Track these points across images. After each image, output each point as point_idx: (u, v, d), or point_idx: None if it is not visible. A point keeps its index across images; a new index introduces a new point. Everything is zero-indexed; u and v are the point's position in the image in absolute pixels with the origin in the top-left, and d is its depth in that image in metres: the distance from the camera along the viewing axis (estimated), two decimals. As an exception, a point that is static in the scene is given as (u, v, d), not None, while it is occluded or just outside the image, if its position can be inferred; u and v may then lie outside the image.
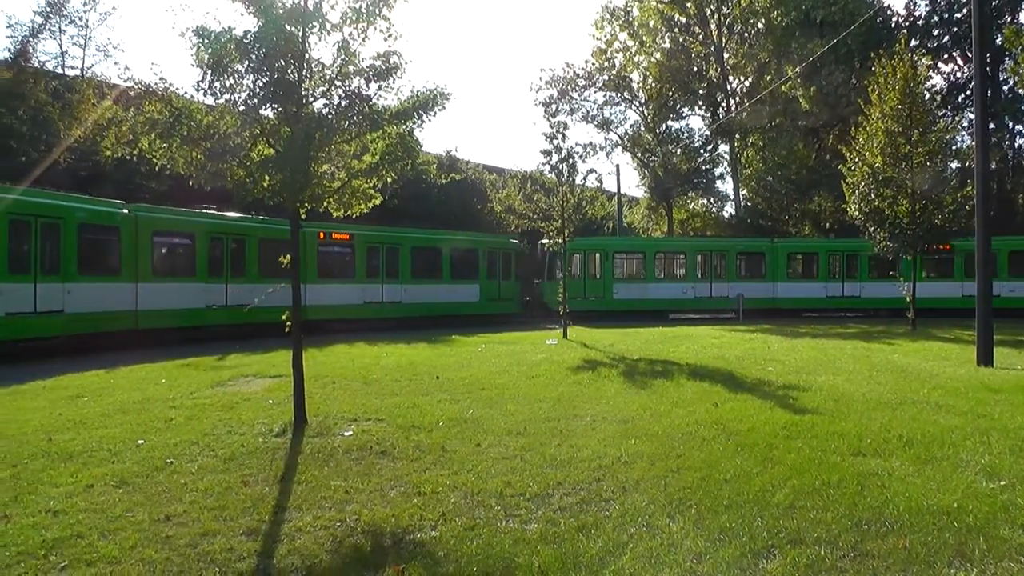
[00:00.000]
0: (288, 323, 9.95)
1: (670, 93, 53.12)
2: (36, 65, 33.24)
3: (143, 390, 13.04)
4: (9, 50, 32.94)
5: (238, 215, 26.74)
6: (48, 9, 34.60)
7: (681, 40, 52.90)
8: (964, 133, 40.90)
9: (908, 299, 27.92)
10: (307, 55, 9.15)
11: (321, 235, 28.94)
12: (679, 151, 53.82)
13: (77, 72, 36.08)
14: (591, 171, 25.70)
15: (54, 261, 20.32)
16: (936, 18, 46.71)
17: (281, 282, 25.47)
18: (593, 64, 54.07)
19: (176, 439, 8.96)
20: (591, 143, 51.05)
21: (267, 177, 9.35)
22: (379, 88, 9.46)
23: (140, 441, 8.89)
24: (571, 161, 24.50)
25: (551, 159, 24.57)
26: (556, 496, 6.64)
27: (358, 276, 30.40)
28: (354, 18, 9.05)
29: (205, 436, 9.11)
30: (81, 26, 36.44)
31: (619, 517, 6.05)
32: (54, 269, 20.26)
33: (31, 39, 33.71)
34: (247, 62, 8.92)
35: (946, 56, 47.11)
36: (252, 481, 7.18)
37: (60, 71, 35.34)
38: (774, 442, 8.53)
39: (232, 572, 5.13)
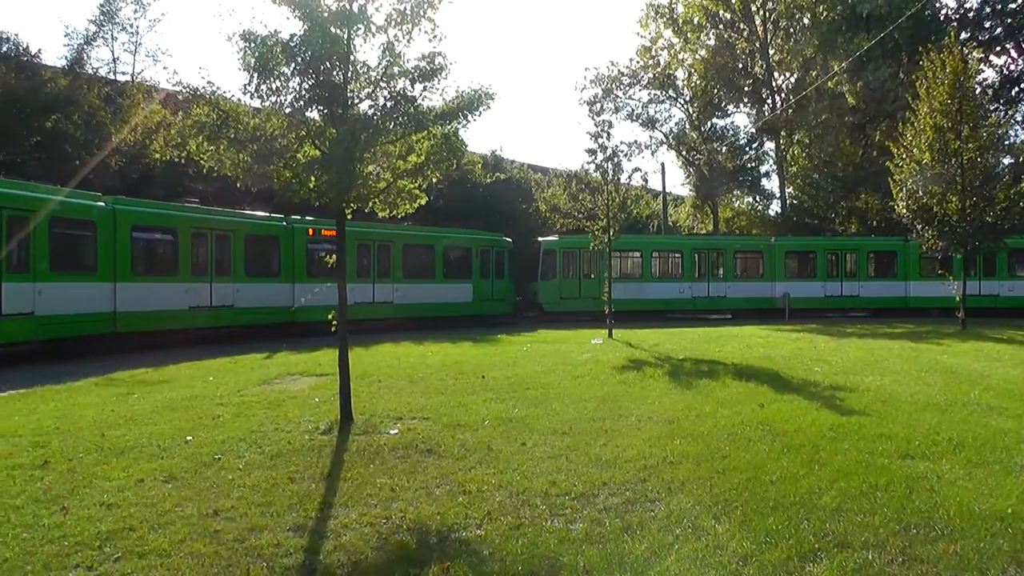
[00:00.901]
0: (334, 323, 10.00)
1: (715, 90, 52.77)
2: (90, 72, 33.99)
3: (191, 387, 13.27)
4: (66, 58, 33.78)
5: (223, 209, 25.83)
6: (101, 18, 35.48)
7: (726, 37, 52.45)
8: (1018, 127, 40.12)
9: (957, 298, 27.33)
10: (352, 57, 9.22)
11: (310, 231, 27.96)
12: (724, 149, 53.46)
13: (128, 77, 36.89)
14: (636, 170, 25.58)
15: (23, 258, 18.75)
16: (988, 9, 45.70)
17: (269, 281, 26.25)
18: (638, 62, 53.91)
19: (224, 436, 9.10)
20: (636, 141, 50.40)
21: (313, 178, 9.44)
22: (424, 89, 9.49)
23: (188, 437, 9.04)
24: (616, 160, 24.38)
25: (596, 158, 24.51)
26: (601, 496, 6.62)
27: (349, 275, 28.74)
28: (399, 20, 9.11)
29: (252, 433, 9.23)
30: (132, 33, 37.37)
31: (664, 518, 6.02)
32: (23, 267, 18.73)
33: (85, 47, 34.57)
34: (293, 65, 9.02)
35: (999, 48, 46.10)
36: (298, 478, 7.26)
37: (112, 77, 36.15)
38: (820, 443, 8.43)
39: (279, 567, 5.19)
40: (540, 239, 36.54)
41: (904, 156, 26.62)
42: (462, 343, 22.21)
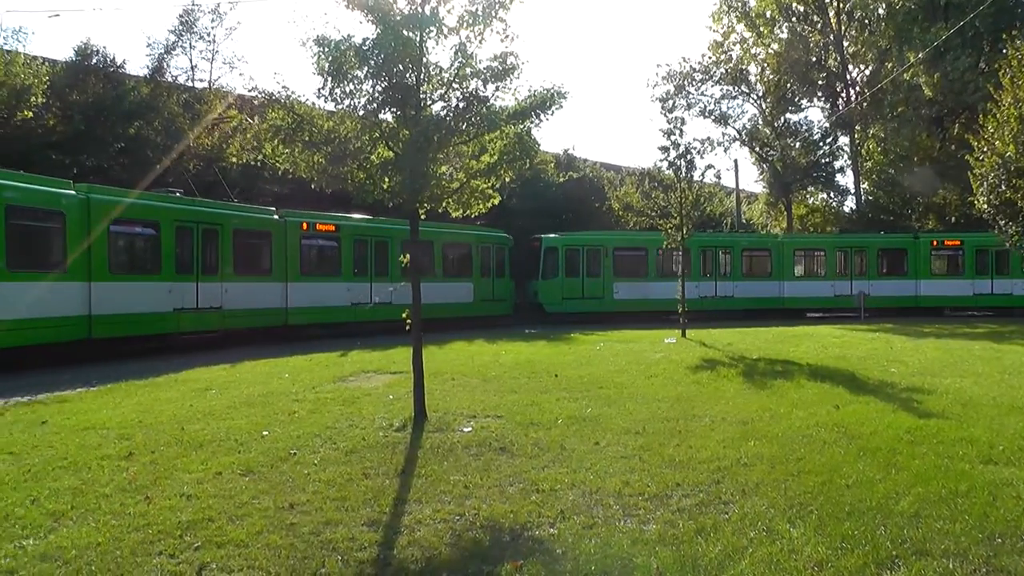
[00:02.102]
0: (409, 321, 10.10)
1: (788, 85, 51.76)
2: (170, 80, 34.99)
3: (267, 384, 13.57)
4: (147, 67, 34.83)
5: (209, 200, 24.06)
6: (180, 28, 36.54)
7: (799, 30, 51.34)
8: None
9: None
10: (425, 59, 9.30)
11: (304, 225, 25.83)
12: (798, 144, 52.44)
13: (205, 84, 37.85)
14: (709, 167, 25.37)
15: None
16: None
17: (260, 280, 23.97)
18: (710, 57, 53.14)
19: (299, 431, 9.29)
20: (708, 138, 49.75)
21: (387, 179, 9.57)
22: (496, 89, 9.54)
23: (265, 432, 9.26)
24: (689, 157, 24.17)
25: (669, 155, 24.28)
26: (675, 497, 6.57)
27: (345, 273, 27.17)
28: (471, 21, 9.15)
29: (327, 429, 9.40)
30: (209, 41, 38.35)
31: (738, 520, 5.94)
32: None
33: (165, 56, 35.60)
34: (366, 68, 9.14)
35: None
36: (373, 474, 7.36)
37: (190, 84, 37.13)
38: (898, 447, 8.24)
39: (354, 561, 5.27)
40: (541, 236, 35.17)
41: (985, 149, 25.75)
42: (536, 342, 22.27)
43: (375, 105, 9.34)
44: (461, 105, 9.53)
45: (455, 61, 9.43)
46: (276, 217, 25.03)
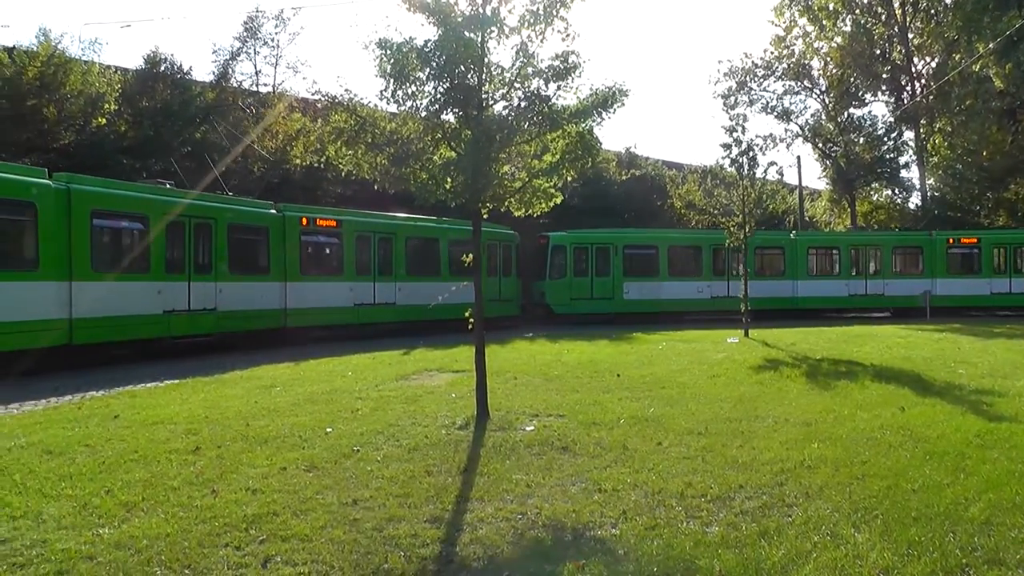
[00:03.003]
0: (471, 320, 10.15)
1: (851, 79, 50.76)
2: (234, 85, 35.71)
3: (330, 382, 13.75)
4: (213, 73, 35.57)
5: (201, 192, 22.43)
6: (245, 34, 37.28)
7: (863, 22, 50.24)
8: None
9: None
10: (486, 59, 9.36)
11: (304, 220, 23.87)
12: (862, 140, 51.41)
13: (269, 88, 38.51)
14: (772, 163, 24.93)
15: None
16: None
17: (257, 279, 22.10)
18: (772, 52, 52.42)
19: (362, 428, 9.41)
20: (771, 135, 48.99)
21: (449, 179, 9.64)
22: (558, 88, 9.55)
23: (328, 429, 9.39)
24: (751, 154, 23.81)
25: (731, 152, 23.95)
26: (737, 499, 6.52)
27: (347, 272, 25.25)
28: (532, 20, 9.18)
29: (390, 427, 9.50)
30: (273, 47, 39.00)
31: (802, 524, 5.86)
32: None
33: (231, 62, 36.32)
34: (428, 70, 9.23)
35: None
36: (435, 471, 7.43)
37: (254, 89, 37.83)
38: (967, 451, 8.03)
39: (416, 557, 5.32)
40: (548, 234, 33.55)
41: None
42: (598, 341, 22.17)
43: (437, 106, 9.42)
44: (523, 105, 9.57)
45: (516, 61, 9.47)
46: (273, 211, 23.34)
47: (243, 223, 22.02)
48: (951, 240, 37.13)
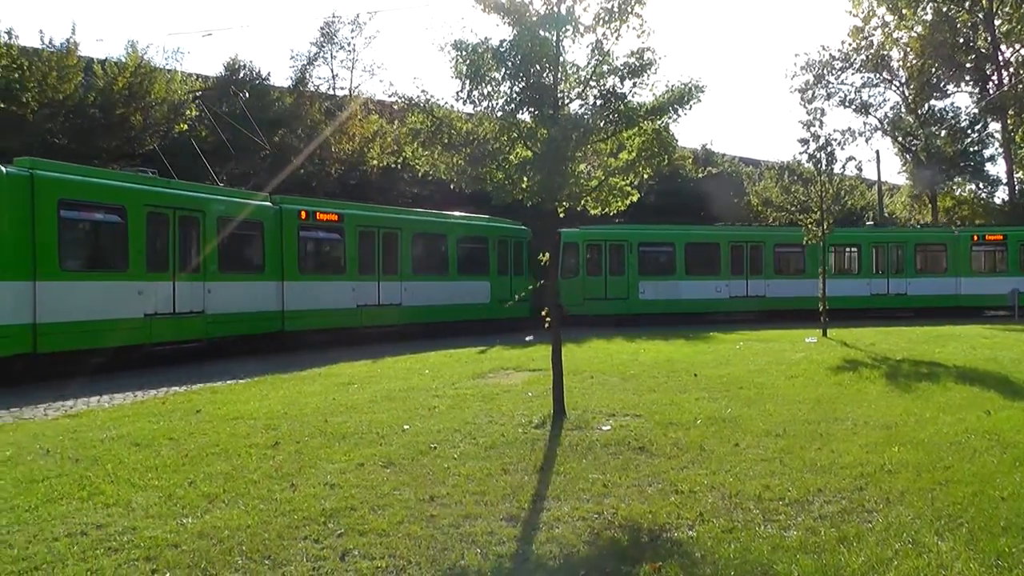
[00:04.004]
0: (548, 319, 10.17)
1: (933, 69, 49.17)
2: (312, 89, 36.42)
3: (407, 379, 13.92)
4: (290, 78, 36.37)
5: (187, 183, 20.47)
6: (322, 39, 38.03)
7: (945, 9, 48.54)
8: None
9: None
10: (561, 58, 9.36)
11: (303, 214, 21.91)
12: (944, 133, 49.92)
13: (346, 92, 39.16)
14: (850, 158, 24.44)
15: None
16: None
17: (251, 278, 20.17)
18: (850, 44, 51.12)
19: (439, 426, 9.49)
20: (849, 129, 47.99)
21: (525, 179, 9.65)
22: (634, 85, 9.48)
23: (406, 426, 9.50)
24: (829, 149, 23.36)
25: (808, 147, 23.56)
26: (816, 503, 6.37)
27: (349, 271, 23.29)
28: (607, 18, 9.14)
29: (467, 424, 9.56)
30: (349, 51, 39.69)
31: (882, 531, 5.70)
32: None
33: (308, 67, 37.07)
34: (504, 70, 9.24)
35: None
36: (512, 469, 7.45)
37: (331, 92, 38.51)
38: (1059, 458, 7.71)
39: (492, 555, 5.34)
40: (560, 230, 31.05)
41: None
42: (675, 340, 21.99)
43: (513, 106, 9.44)
44: (599, 103, 9.53)
45: (592, 59, 9.45)
46: (269, 204, 21.46)
47: (235, 216, 19.96)
48: (975, 237, 35.71)
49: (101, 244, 17.58)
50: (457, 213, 28.06)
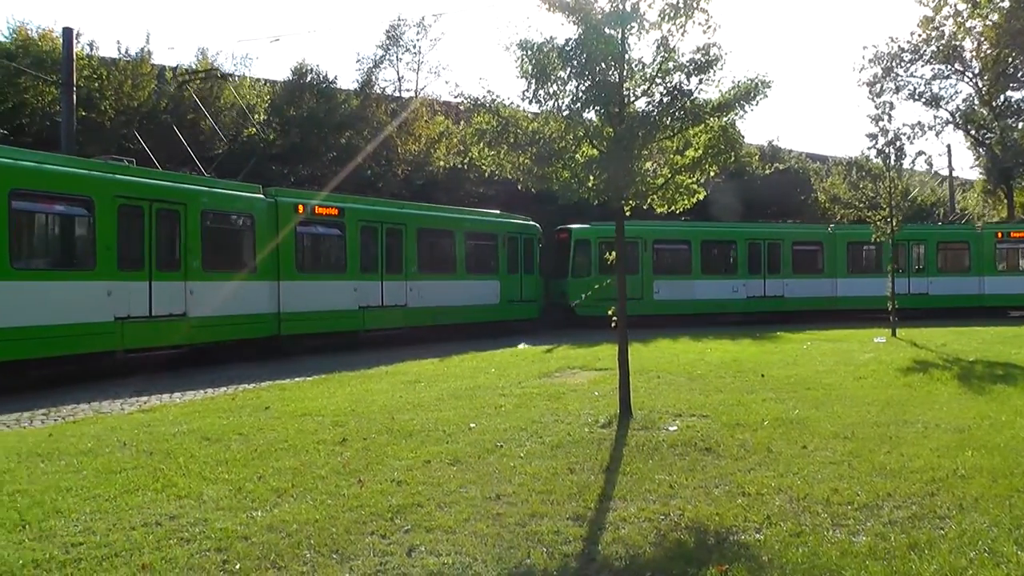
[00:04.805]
0: (615, 319, 10.14)
1: (1009, 59, 47.62)
2: (378, 91, 36.85)
3: (474, 378, 14.03)
4: (356, 81, 36.80)
5: (168, 172, 18.68)
6: (388, 42, 38.40)
7: (1025, -5, 47.05)
8: None
9: None
10: (627, 56, 9.32)
11: (300, 208, 20.20)
12: (1020, 125, 48.35)
13: (411, 93, 39.50)
14: (920, 153, 24.03)
15: None
16: None
17: (241, 277, 18.24)
18: (919, 35, 49.72)
19: (505, 425, 9.54)
20: (919, 123, 46.62)
21: (592, 178, 9.64)
22: (700, 81, 9.41)
23: (472, 425, 9.57)
24: (898, 144, 22.85)
25: (876, 143, 23.01)
26: (886, 508, 6.23)
27: (351, 269, 21.56)
28: (672, 14, 9.07)
29: (533, 423, 9.58)
30: (415, 53, 39.98)
31: (956, 538, 5.53)
32: None
33: (374, 69, 37.48)
34: (569, 68, 9.23)
35: None
36: (578, 469, 7.44)
37: (397, 94, 38.89)
38: None
39: (559, 554, 5.33)
40: (570, 227, 30.35)
41: None
42: (741, 340, 21.80)
43: (579, 104, 9.42)
44: (664, 100, 9.46)
45: (657, 56, 9.40)
46: (261, 196, 19.56)
47: (222, 210, 18.50)
48: (1000, 235, 34.27)
49: (63, 240, 15.80)
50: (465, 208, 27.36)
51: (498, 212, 28.09)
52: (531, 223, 28.97)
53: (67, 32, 21.86)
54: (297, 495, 6.66)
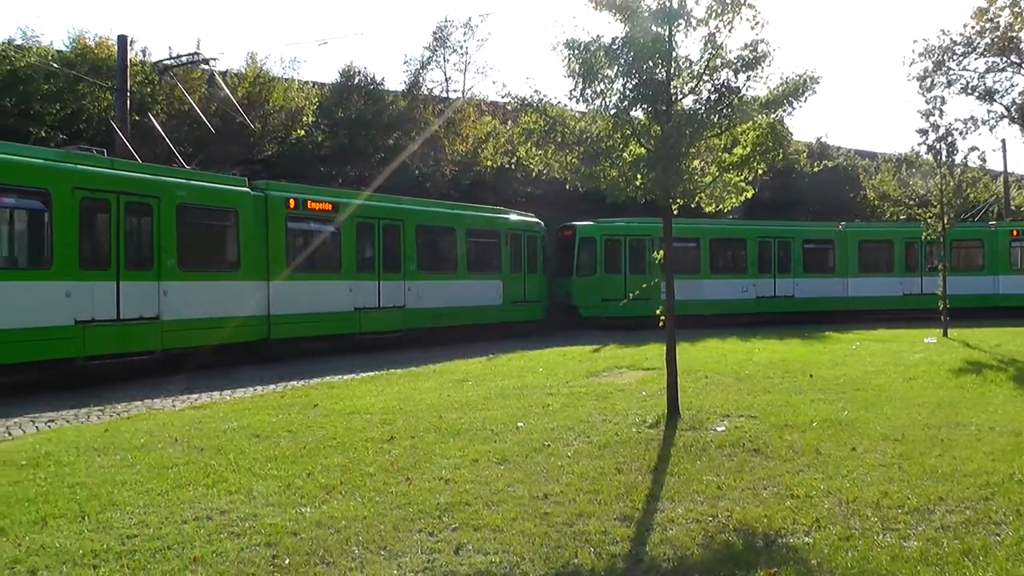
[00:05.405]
0: (663, 318, 10.11)
1: (1070, 50, 46.45)
2: (425, 92, 37.11)
3: (521, 377, 14.08)
4: (404, 82, 37.11)
5: (135, 163, 17.30)
6: (435, 43, 38.68)
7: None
8: None
9: None
10: (674, 53, 9.27)
11: (291, 202, 18.90)
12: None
13: (458, 94, 39.71)
14: (973, 149, 23.33)
15: None
16: None
17: (223, 277, 17.01)
18: (973, 27, 48.71)
19: (552, 424, 9.53)
20: (972, 117, 45.62)
21: (640, 176, 9.60)
22: (747, 78, 9.34)
23: (519, 424, 9.59)
24: (950, 139, 22.45)
25: (927, 138, 22.65)
26: (938, 512, 6.11)
27: (346, 268, 20.32)
28: (719, 10, 9.01)
29: (580, 423, 9.58)
30: (462, 54, 40.27)
31: (1013, 545, 5.40)
32: None
33: (421, 70, 37.76)
34: (616, 67, 9.21)
35: None
36: (625, 469, 7.42)
37: (444, 95, 39.10)
38: None
39: (606, 554, 5.33)
40: (574, 224, 29.24)
41: None
42: (789, 340, 21.59)
43: (626, 103, 9.38)
44: (712, 97, 9.40)
45: (704, 53, 9.34)
46: (246, 190, 18.14)
47: (201, 204, 16.96)
48: (1015, 232, 33.20)
49: (13, 237, 14.40)
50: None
51: (501, 208, 26.91)
52: (535, 220, 27.84)
53: (121, 40, 22.32)
54: (345, 492, 6.73)
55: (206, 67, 24.67)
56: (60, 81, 24.17)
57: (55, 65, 24.25)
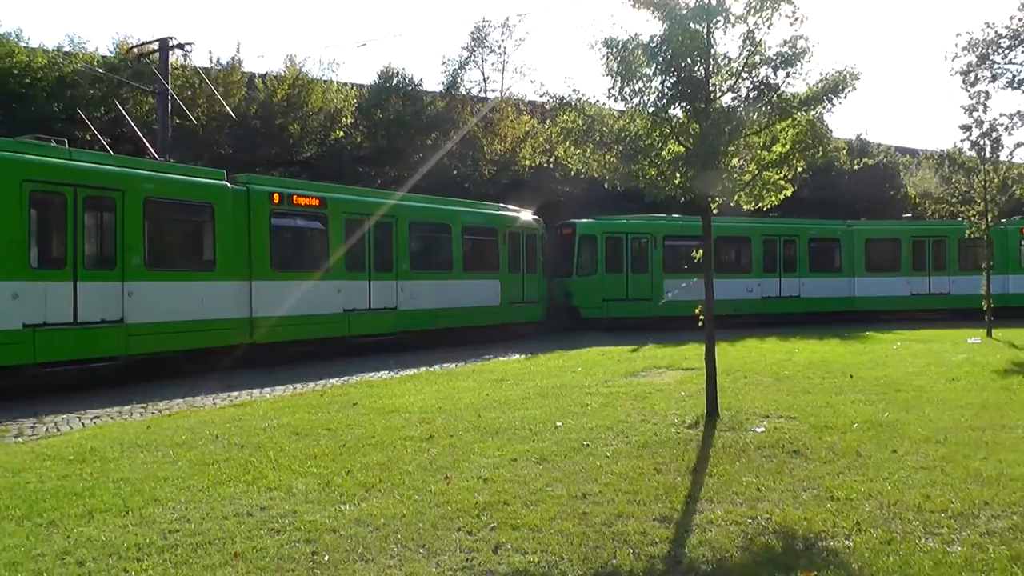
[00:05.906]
0: (701, 317, 10.07)
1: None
2: (463, 92, 37.26)
3: (560, 377, 14.07)
4: (442, 83, 37.31)
5: (101, 153, 16.14)
6: (472, 43, 38.77)
7: None
8: None
9: None
10: (713, 50, 9.20)
11: (276, 197, 17.72)
12: None
13: (497, 94, 39.79)
14: (1019, 144, 23.01)
15: None
16: None
17: (199, 277, 15.81)
18: (1019, 19, 47.69)
19: (591, 424, 9.52)
20: (1018, 112, 44.70)
21: (678, 175, 9.55)
22: (787, 75, 9.24)
23: (558, 423, 9.58)
24: (994, 135, 22.03)
25: (971, 134, 22.20)
26: (983, 517, 5.98)
27: (335, 268, 19.00)
28: (758, 7, 8.92)
29: (619, 423, 9.56)
30: (500, 53, 40.25)
31: (1063, 552, 5.27)
32: None
33: (459, 71, 37.90)
34: (654, 65, 9.16)
35: None
36: (664, 469, 7.39)
37: (482, 95, 39.21)
38: None
39: (644, 555, 5.31)
40: (574, 222, 28.44)
41: None
42: (829, 340, 21.37)
43: (664, 101, 9.33)
44: (751, 95, 9.33)
45: (743, 50, 9.26)
46: (225, 183, 16.88)
47: (173, 198, 15.71)
48: None
49: None
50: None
51: (499, 204, 25.90)
52: (534, 217, 26.76)
53: (163, 44, 22.67)
54: (384, 490, 6.78)
55: (180, 51, 24.57)
56: (104, 85, 24.65)
57: (100, 71, 24.72)
